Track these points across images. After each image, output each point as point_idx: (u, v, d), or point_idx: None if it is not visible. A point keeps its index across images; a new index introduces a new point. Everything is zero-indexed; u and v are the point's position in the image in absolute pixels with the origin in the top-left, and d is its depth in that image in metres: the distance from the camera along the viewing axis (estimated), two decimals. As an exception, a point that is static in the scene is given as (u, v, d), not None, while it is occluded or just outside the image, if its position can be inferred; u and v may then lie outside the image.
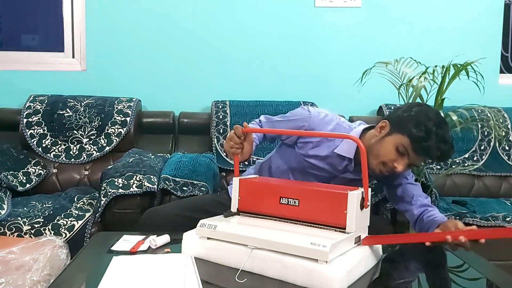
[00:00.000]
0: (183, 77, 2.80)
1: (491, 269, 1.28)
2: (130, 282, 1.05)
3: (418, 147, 1.34)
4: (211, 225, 1.18)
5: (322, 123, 1.52)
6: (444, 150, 1.34)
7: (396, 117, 1.42)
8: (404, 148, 1.35)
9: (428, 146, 1.33)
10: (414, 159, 1.37)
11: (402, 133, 1.36)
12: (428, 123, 1.34)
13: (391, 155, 1.37)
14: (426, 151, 1.34)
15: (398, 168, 1.36)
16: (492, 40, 2.85)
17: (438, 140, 1.33)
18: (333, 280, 1.01)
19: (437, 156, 1.36)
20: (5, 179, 2.15)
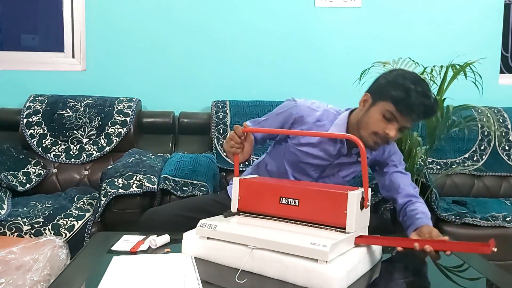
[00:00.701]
0: (183, 77, 2.80)
1: (491, 269, 1.28)
2: (130, 282, 1.05)
3: (402, 108, 1.36)
4: (211, 225, 1.18)
5: (309, 109, 1.53)
6: (428, 105, 1.36)
7: (376, 87, 1.45)
8: (390, 113, 1.38)
9: (411, 104, 1.34)
10: (402, 121, 1.38)
11: (384, 100, 1.39)
12: (406, 83, 1.36)
13: (380, 123, 1.39)
14: (411, 109, 1.36)
15: (390, 133, 1.38)
16: (492, 40, 2.85)
17: (419, 96, 1.35)
18: (333, 280, 1.01)
19: (423, 112, 1.37)
20: (5, 179, 2.15)
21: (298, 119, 1.53)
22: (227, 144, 1.36)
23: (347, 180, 1.66)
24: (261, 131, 1.65)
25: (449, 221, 2.09)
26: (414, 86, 1.35)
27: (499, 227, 2.08)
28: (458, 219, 2.09)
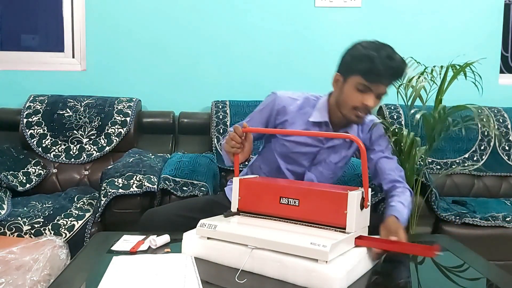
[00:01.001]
0: (183, 77, 2.80)
1: (491, 269, 1.28)
2: (130, 282, 1.05)
3: (371, 77, 1.40)
4: (211, 225, 1.18)
5: (290, 99, 1.58)
6: (394, 66, 1.40)
7: (343, 65, 1.50)
8: (362, 85, 1.42)
9: (378, 71, 1.38)
10: (376, 88, 1.42)
11: (353, 75, 1.43)
12: (369, 52, 1.41)
13: (357, 97, 1.44)
14: (380, 76, 1.39)
15: (369, 103, 1.42)
16: (492, 40, 2.85)
17: (384, 61, 1.38)
18: (333, 280, 1.01)
19: (392, 74, 1.41)
20: (5, 179, 2.15)
21: (281, 110, 1.56)
22: (228, 145, 1.36)
23: (340, 166, 1.66)
24: (261, 131, 1.66)
25: (449, 221, 2.09)
26: (377, 53, 1.40)
27: (499, 227, 2.08)
28: (458, 219, 2.09)
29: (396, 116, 2.61)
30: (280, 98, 1.57)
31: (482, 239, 2.07)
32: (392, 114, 2.62)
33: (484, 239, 2.07)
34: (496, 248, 2.07)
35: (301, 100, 1.58)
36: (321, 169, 1.62)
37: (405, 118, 2.58)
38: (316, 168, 1.62)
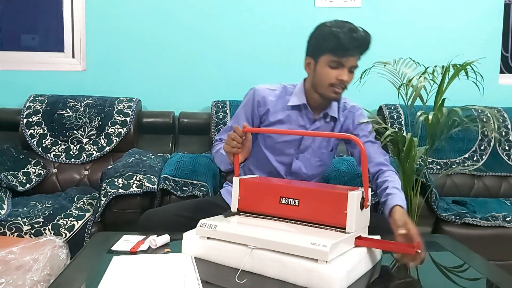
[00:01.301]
0: (183, 77, 2.80)
1: (491, 269, 1.28)
2: (130, 282, 1.05)
3: (340, 52, 1.46)
4: (211, 225, 1.18)
5: (268, 90, 1.64)
6: (359, 38, 1.46)
7: (311, 47, 1.57)
8: (333, 62, 1.48)
9: (344, 44, 1.44)
10: (347, 62, 1.48)
11: (322, 54, 1.50)
12: (332, 30, 1.47)
13: (331, 74, 1.49)
14: (347, 49, 1.45)
15: (344, 78, 1.48)
16: (492, 40, 2.85)
17: (348, 34, 1.45)
18: (333, 280, 1.01)
19: (358, 46, 1.47)
20: (5, 179, 2.15)
21: (261, 101, 1.62)
22: (228, 145, 1.37)
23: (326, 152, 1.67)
24: (262, 131, 1.66)
25: (449, 221, 2.09)
26: (340, 28, 1.46)
27: (499, 227, 2.08)
28: (458, 219, 2.09)
29: (396, 116, 2.61)
30: (258, 90, 1.64)
31: (482, 239, 2.07)
32: (392, 114, 2.62)
33: (484, 239, 2.07)
34: (496, 248, 2.07)
35: (280, 90, 1.65)
36: (308, 156, 1.64)
37: (405, 118, 2.58)
38: (303, 155, 1.64)
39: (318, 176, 1.73)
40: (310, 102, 1.60)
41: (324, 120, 1.62)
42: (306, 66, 1.58)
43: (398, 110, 2.64)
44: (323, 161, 1.68)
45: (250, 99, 1.64)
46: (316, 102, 1.60)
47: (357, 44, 1.47)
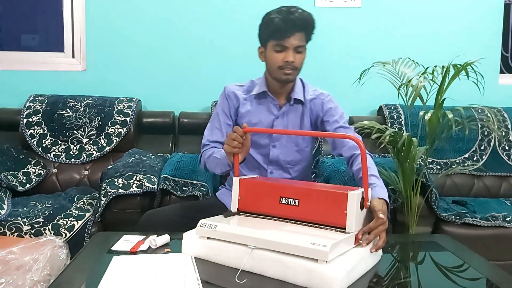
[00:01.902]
0: (183, 77, 2.80)
1: (491, 269, 1.28)
2: (130, 282, 1.05)
3: (279, 35, 1.54)
4: (211, 224, 1.18)
5: (237, 86, 1.74)
6: (294, 18, 1.52)
7: (259, 37, 1.66)
8: (277, 46, 1.56)
9: (281, 27, 1.52)
10: (290, 43, 1.54)
11: (267, 41, 1.59)
12: (270, 16, 1.56)
13: (277, 57, 1.57)
14: (285, 31, 1.52)
15: (289, 58, 1.55)
16: (492, 40, 2.85)
17: (283, 16, 1.53)
18: (333, 280, 1.01)
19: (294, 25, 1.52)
20: (5, 179, 2.15)
21: (232, 96, 1.70)
22: (229, 146, 1.37)
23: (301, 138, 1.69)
24: (262, 131, 1.67)
25: (449, 221, 2.09)
26: (277, 13, 1.55)
27: (499, 227, 2.08)
28: (458, 219, 2.09)
29: (396, 116, 2.61)
30: (228, 87, 1.73)
31: (482, 239, 2.07)
32: (392, 114, 2.62)
33: (484, 239, 2.07)
34: (496, 248, 2.07)
35: (247, 84, 1.74)
36: (284, 143, 1.68)
37: (405, 118, 2.58)
38: (280, 143, 1.68)
39: (300, 163, 1.73)
40: (271, 89, 1.67)
41: (289, 104, 1.68)
42: (260, 55, 1.67)
43: (398, 110, 2.64)
44: (299, 146, 1.71)
45: (223, 96, 1.72)
46: (276, 88, 1.66)
47: (292, 25, 1.52)
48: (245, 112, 1.68)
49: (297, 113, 1.68)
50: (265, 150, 1.69)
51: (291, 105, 1.67)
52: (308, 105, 1.69)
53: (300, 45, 1.56)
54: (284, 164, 1.69)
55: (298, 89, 1.67)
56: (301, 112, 1.69)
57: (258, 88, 1.68)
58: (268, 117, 1.67)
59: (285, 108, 1.67)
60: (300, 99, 1.67)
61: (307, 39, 1.59)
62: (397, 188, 1.98)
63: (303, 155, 1.73)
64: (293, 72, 1.58)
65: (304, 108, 1.69)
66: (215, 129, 1.69)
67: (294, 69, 1.58)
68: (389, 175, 2.00)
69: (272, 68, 1.60)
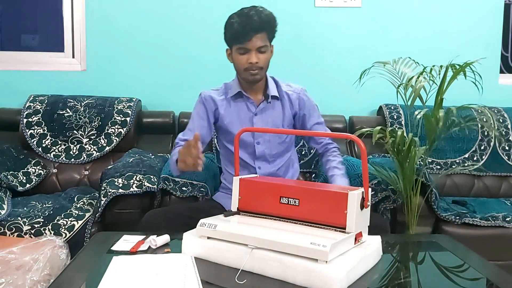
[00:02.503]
0: (183, 77, 2.80)
1: (491, 269, 1.28)
2: (130, 282, 1.05)
3: (239, 38, 1.59)
4: (211, 224, 1.18)
5: (212, 91, 1.79)
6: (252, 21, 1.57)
7: (224, 39, 1.69)
8: (239, 49, 1.61)
9: (238, 30, 1.58)
10: (251, 45, 1.59)
11: (231, 45, 1.65)
12: (230, 21, 1.63)
13: (242, 59, 1.62)
14: (244, 33, 1.57)
15: (252, 60, 1.60)
16: (492, 40, 2.85)
17: (241, 20, 1.59)
18: (333, 280, 1.01)
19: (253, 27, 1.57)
20: (5, 179, 2.15)
21: (209, 99, 1.75)
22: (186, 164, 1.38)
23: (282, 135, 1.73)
24: (262, 130, 1.68)
25: (449, 221, 2.09)
26: (237, 16, 1.61)
27: (499, 227, 2.08)
28: (458, 219, 2.09)
29: (396, 116, 2.61)
30: (204, 92, 1.78)
31: (482, 239, 2.07)
32: (392, 114, 2.62)
33: (484, 239, 2.07)
34: (496, 248, 2.07)
35: (222, 87, 1.79)
36: (267, 138, 1.73)
37: (405, 118, 2.58)
38: (263, 138, 1.73)
39: (283, 155, 1.78)
40: (245, 88, 1.72)
41: (267, 101, 1.73)
42: (228, 57, 1.71)
43: (398, 110, 2.64)
44: (281, 138, 1.75)
45: (199, 102, 1.77)
46: (249, 87, 1.71)
47: (250, 28, 1.57)
48: (225, 112, 1.74)
49: (276, 108, 1.74)
50: (251, 149, 1.73)
51: (269, 102, 1.73)
52: (286, 100, 1.75)
53: (262, 45, 1.61)
54: (270, 157, 1.75)
55: (272, 87, 1.73)
56: (280, 108, 1.74)
57: (233, 89, 1.73)
58: (246, 115, 1.73)
59: (262, 105, 1.73)
60: (275, 95, 1.72)
61: (269, 37, 1.65)
62: (397, 188, 1.98)
63: (286, 146, 1.78)
64: (259, 72, 1.63)
65: (282, 103, 1.74)
66: (188, 130, 1.75)
67: (259, 69, 1.63)
68: (389, 175, 2.00)
69: (239, 70, 1.66)
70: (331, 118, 2.62)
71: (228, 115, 1.74)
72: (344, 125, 2.67)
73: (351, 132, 2.57)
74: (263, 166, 1.75)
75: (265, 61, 1.64)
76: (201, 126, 1.74)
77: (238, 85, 1.72)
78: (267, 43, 1.63)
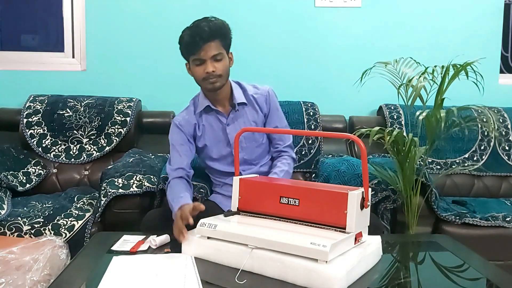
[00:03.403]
0: (183, 77, 2.77)
1: (491, 269, 1.28)
2: (130, 282, 1.05)
3: (191, 50, 1.61)
4: (211, 224, 1.18)
5: (181, 113, 1.80)
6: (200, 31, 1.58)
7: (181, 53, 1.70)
8: (194, 60, 1.62)
9: (189, 42, 1.60)
10: (204, 54, 1.60)
11: (186, 57, 1.67)
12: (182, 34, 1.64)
13: (199, 70, 1.63)
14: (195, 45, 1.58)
15: (209, 69, 1.60)
16: (492, 40, 2.85)
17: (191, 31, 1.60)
18: (333, 279, 1.01)
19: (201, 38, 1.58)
20: (5, 179, 2.15)
21: (184, 124, 1.74)
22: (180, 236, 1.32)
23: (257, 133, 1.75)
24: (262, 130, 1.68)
25: (449, 221, 2.09)
26: (188, 29, 1.62)
27: (499, 227, 2.08)
28: (458, 219, 2.09)
29: (396, 116, 2.61)
30: (177, 119, 1.77)
31: (482, 239, 2.07)
32: (392, 114, 2.62)
33: (484, 239, 2.07)
34: (496, 248, 2.07)
35: (190, 104, 1.80)
36: (244, 145, 1.73)
37: (405, 118, 2.58)
38: (240, 147, 1.71)
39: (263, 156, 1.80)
40: (212, 100, 1.72)
41: (234, 109, 1.72)
42: (188, 70, 1.71)
43: (398, 110, 2.64)
44: (258, 142, 1.77)
45: (175, 130, 1.75)
46: (214, 97, 1.71)
47: (199, 38, 1.57)
48: (201, 129, 1.75)
49: (246, 115, 1.74)
50: (231, 158, 1.73)
51: (236, 110, 1.72)
52: (254, 103, 1.75)
53: (216, 53, 1.60)
54: (252, 161, 1.77)
55: (237, 94, 1.72)
56: (250, 112, 1.75)
57: (201, 104, 1.73)
58: (219, 127, 1.73)
59: (232, 114, 1.72)
60: (243, 102, 1.72)
61: (224, 45, 1.63)
62: (397, 188, 1.98)
63: (263, 148, 1.80)
64: (218, 79, 1.63)
65: (251, 107, 1.75)
66: (173, 158, 1.71)
67: (217, 77, 1.62)
68: (389, 175, 2.00)
69: (198, 81, 1.66)
70: (331, 118, 2.62)
71: (203, 134, 1.75)
72: (344, 125, 2.66)
73: (351, 132, 2.57)
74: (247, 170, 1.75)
75: (223, 68, 1.63)
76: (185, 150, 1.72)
77: (204, 98, 1.73)
78: (221, 50, 1.62)
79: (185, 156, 1.70)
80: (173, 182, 1.65)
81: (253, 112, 1.75)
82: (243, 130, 1.35)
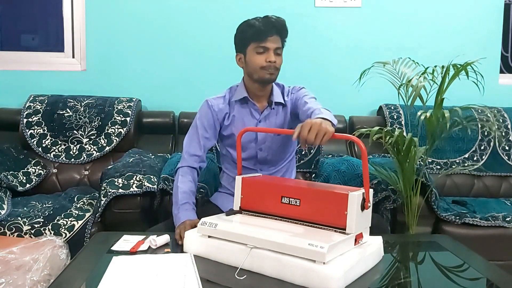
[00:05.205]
0: (183, 77, 2.80)
1: (491, 269, 1.28)
2: (130, 282, 1.05)
3: (259, 36, 1.60)
4: (212, 223, 1.19)
5: (217, 97, 1.75)
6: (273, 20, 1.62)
7: (237, 45, 1.72)
8: (258, 47, 1.61)
9: (260, 29, 1.60)
10: (270, 44, 1.60)
11: (247, 45, 1.64)
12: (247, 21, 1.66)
13: (260, 58, 1.61)
14: (265, 32, 1.59)
15: (271, 58, 1.60)
16: (492, 40, 2.85)
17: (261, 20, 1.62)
18: (330, 279, 1.01)
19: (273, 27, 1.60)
20: (5, 179, 2.15)
21: (216, 108, 1.71)
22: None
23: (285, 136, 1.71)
24: (261, 130, 1.68)
25: (449, 221, 2.09)
26: (253, 19, 1.64)
27: (499, 227, 2.08)
28: (458, 219, 2.09)
29: (396, 116, 2.61)
30: (211, 100, 1.73)
31: (482, 239, 2.07)
32: (392, 114, 2.62)
33: (484, 239, 2.07)
34: (496, 248, 2.07)
35: (226, 93, 1.77)
36: (269, 145, 1.71)
37: (405, 118, 2.58)
38: (265, 145, 1.71)
39: (285, 159, 1.78)
40: (251, 94, 1.70)
41: (270, 107, 1.71)
42: (238, 61, 1.71)
43: (398, 110, 2.64)
44: (284, 144, 1.74)
45: (206, 108, 1.72)
46: (255, 92, 1.69)
47: (272, 25, 1.60)
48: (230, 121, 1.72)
49: (279, 115, 1.73)
50: (253, 153, 1.72)
51: (272, 108, 1.71)
52: (287, 105, 1.74)
53: (279, 47, 1.62)
54: (271, 162, 1.75)
55: (276, 93, 1.72)
56: (284, 113, 1.73)
57: (238, 94, 1.72)
58: (251, 121, 1.71)
59: (266, 111, 1.71)
60: (280, 102, 1.71)
61: (282, 44, 1.65)
62: (397, 188, 1.98)
63: (289, 149, 1.78)
64: (275, 72, 1.63)
65: (286, 109, 1.74)
66: (193, 141, 1.71)
67: (276, 70, 1.63)
68: (389, 175, 2.00)
69: (255, 69, 1.63)
70: (331, 118, 2.62)
71: (232, 123, 1.72)
72: (344, 125, 2.66)
73: (351, 132, 2.57)
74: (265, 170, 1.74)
75: (280, 63, 1.64)
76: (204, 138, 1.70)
77: (244, 90, 1.71)
78: (281, 46, 1.64)
79: (203, 147, 1.69)
80: (184, 171, 1.64)
81: (286, 114, 1.73)
82: (245, 130, 1.36)
